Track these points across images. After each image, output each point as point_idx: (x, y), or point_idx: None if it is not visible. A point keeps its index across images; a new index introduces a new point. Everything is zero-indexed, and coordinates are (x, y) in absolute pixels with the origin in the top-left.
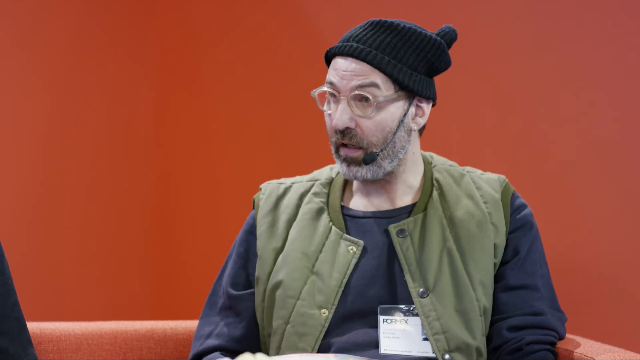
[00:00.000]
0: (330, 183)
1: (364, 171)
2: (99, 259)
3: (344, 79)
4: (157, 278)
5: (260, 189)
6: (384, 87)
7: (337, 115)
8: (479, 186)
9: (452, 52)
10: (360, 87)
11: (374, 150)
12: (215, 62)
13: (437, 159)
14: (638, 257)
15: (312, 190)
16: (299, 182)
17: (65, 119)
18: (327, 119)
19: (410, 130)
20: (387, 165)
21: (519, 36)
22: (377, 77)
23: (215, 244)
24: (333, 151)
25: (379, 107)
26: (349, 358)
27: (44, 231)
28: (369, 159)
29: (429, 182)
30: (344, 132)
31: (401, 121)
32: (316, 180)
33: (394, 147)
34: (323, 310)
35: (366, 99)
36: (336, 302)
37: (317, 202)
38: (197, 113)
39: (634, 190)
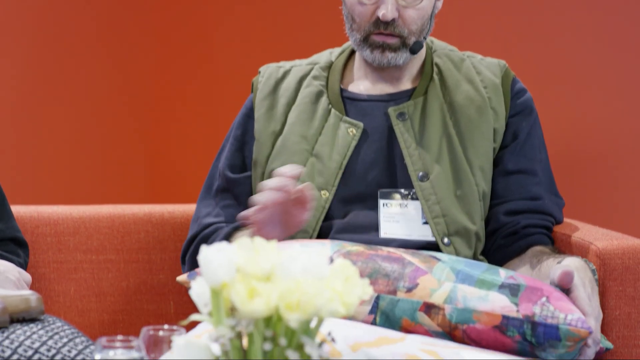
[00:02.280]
0: (329, 67)
1: (398, 57)
2: (95, 142)
3: None
4: (153, 162)
5: (259, 72)
6: None
7: (385, 5)
8: (479, 71)
9: None
10: None
11: (415, 39)
12: None
13: (438, 44)
14: (638, 142)
15: (312, 74)
16: (298, 66)
17: None
18: (359, 8)
19: (434, 15)
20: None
21: None
22: None
23: (213, 127)
24: (359, 38)
25: None
26: (345, 244)
27: (40, 115)
28: (417, 47)
29: (430, 67)
30: (388, 22)
31: (433, 7)
32: (315, 64)
33: (428, 33)
34: (323, 192)
35: None
36: (336, 184)
37: (317, 85)
38: None
39: (634, 76)
